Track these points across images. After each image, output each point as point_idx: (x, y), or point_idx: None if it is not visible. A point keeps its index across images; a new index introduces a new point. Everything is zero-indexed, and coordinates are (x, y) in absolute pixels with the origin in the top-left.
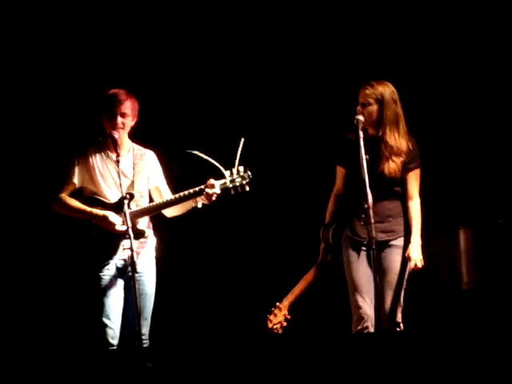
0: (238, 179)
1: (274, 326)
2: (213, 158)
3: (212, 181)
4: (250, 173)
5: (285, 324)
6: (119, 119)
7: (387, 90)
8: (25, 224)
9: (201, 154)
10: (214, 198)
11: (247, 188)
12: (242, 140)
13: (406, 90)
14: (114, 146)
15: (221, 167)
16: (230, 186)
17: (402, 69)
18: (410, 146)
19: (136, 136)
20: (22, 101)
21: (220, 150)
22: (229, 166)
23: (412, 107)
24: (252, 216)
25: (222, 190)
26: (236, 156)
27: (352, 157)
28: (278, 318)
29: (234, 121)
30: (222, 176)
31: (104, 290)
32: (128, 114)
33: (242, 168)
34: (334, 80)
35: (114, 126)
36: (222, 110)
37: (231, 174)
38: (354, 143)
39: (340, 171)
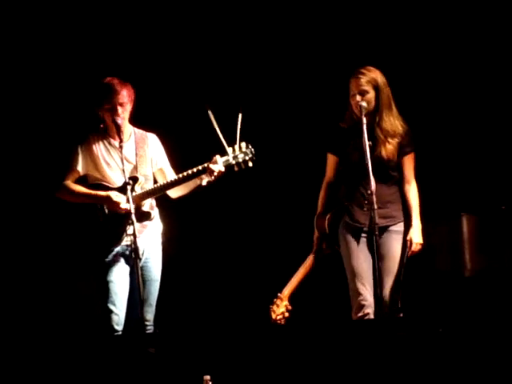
0: (241, 155)
1: (278, 317)
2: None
3: (217, 157)
4: (252, 149)
5: (287, 315)
6: (119, 109)
7: (378, 75)
8: (31, 211)
9: (212, 119)
10: (217, 175)
11: (250, 164)
12: (240, 116)
13: (405, 75)
14: (117, 132)
15: (224, 143)
16: (233, 162)
17: (396, 57)
18: (404, 129)
19: (137, 118)
20: (22, 91)
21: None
22: (230, 145)
23: (413, 93)
24: (253, 203)
25: (225, 166)
26: (236, 132)
27: (344, 145)
28: (280, 308)
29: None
30: (225, 153)
31: (109, 276)
32: (126, 103)
33: (244, 144)
34: (320, 71)
35: (115, 117)
36: (221, 93)
37: (234, 150)
38: (345, 131)
39: (331, 159)
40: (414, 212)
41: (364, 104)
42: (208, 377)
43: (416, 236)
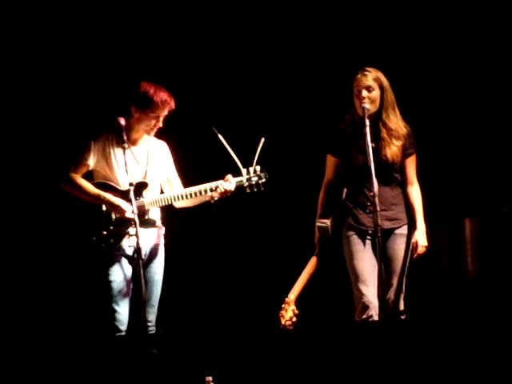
0: (255, 178)
1: (287, 323)
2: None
3: (230, 176)
4: (266, 173)
5: (295, 319)
6: (161, 124)
7: (382, 75)
8: (34, 208)
9: (223, 141)
10: (227, 194)
11: (262, 188)
12: (263, 140)
13: (408, 78)
14: (120, 133)
15: (239, 163)
16: (246, 184)
17: (396, 59)
18: (407, 130)
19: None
20: (38, 86)
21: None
22: (245, 166)
23: (415, 96)
24: (257, 208)
25: (237, 186)
26: (255, 155)
27: (346, 146)
28: (289, 313)
29: (247, 120)
30: (239, 172)
31: (112, 276)
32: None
33: (258, 167)
34: (321, 73)
35: (153, 127)
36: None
37: (248, 172)
38: (346, 133)
39: (331, 161)
40: (418, 214)
41: (367, 106)
42: (210, 378)
43: (421, 239)
